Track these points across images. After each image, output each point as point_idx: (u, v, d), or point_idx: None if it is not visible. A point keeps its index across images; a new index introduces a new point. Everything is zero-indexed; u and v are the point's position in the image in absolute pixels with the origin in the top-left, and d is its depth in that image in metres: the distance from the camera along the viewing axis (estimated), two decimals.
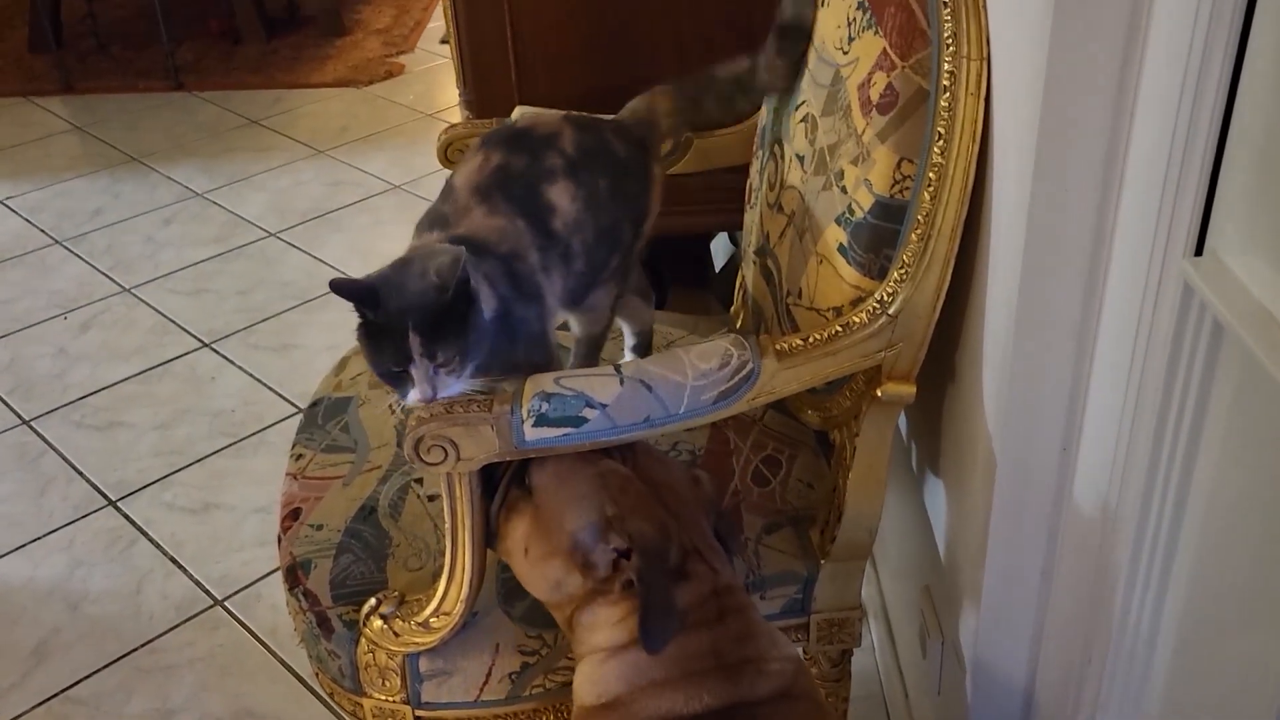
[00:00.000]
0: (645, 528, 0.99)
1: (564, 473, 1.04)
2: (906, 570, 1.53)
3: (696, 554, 1.02)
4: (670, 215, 1.90)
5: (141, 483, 2.09)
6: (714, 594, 1.00)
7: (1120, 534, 0.97)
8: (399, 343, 0.99)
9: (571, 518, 1.01)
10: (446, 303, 0.99)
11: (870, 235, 1.09)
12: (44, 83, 3.86)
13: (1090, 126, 0.88)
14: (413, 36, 4.19)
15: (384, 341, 1.01)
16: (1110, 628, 1.01)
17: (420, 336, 0.99)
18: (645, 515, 1.01)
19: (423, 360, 0.99)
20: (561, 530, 1.01)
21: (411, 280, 1.01)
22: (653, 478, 1.05)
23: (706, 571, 1.01)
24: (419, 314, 0.99)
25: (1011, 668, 1.18)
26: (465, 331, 1.00)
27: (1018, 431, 1.04)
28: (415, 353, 0.99)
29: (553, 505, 1.03)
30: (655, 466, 1.08)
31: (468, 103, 1.83)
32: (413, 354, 0.99)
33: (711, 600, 1.00)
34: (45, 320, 2.61)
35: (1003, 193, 1.00)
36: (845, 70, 1.15)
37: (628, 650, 0.98)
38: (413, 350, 0.99)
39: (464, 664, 1.14)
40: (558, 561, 1.01)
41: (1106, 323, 0.95)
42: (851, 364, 1.09)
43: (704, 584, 1.00)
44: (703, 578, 1.00)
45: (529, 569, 1.05)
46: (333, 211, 3.02)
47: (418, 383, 1.00)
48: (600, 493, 1.02)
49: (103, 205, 3.10)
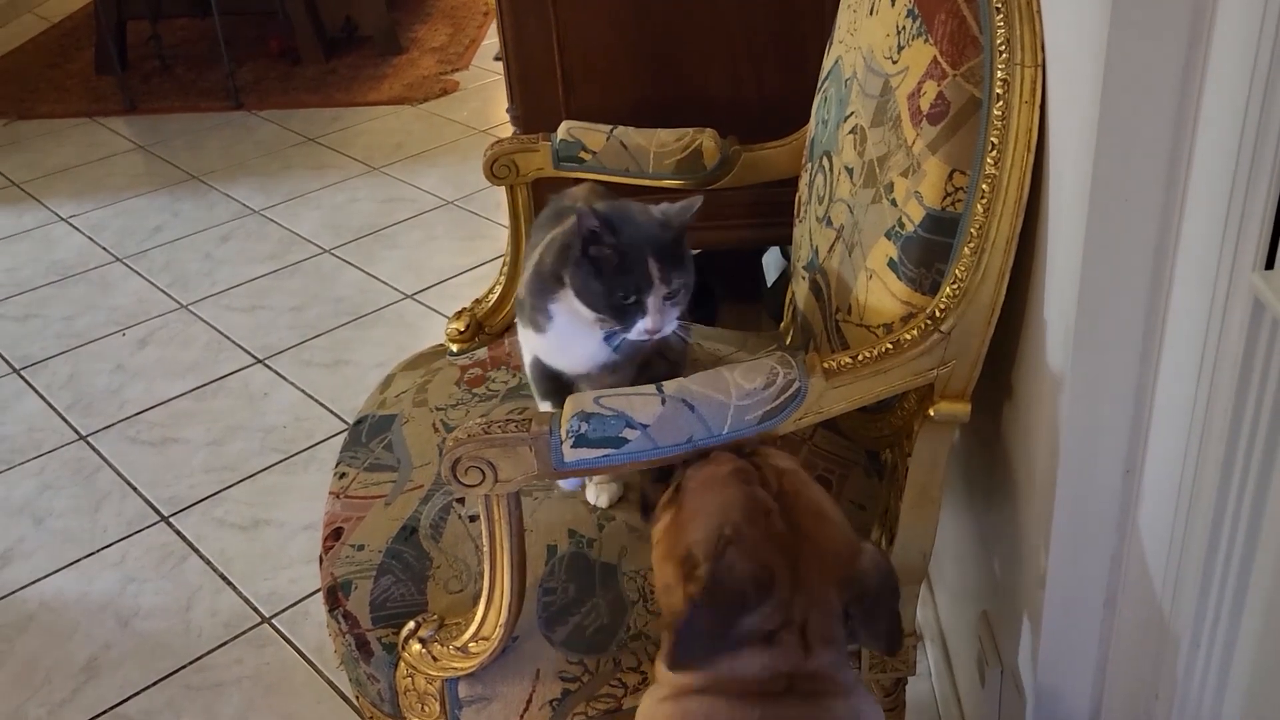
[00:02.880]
0: (741, 563, 0.90)
1: (711, 482, 0.98)
2: (964, 593, 1.48)
3: (798, 627, 0.90)
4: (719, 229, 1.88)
5: (193, 499, 2.11)
6: (791, 674, 0.89)
7: (1188, 563, 0.92)
8: (639, 271, 1.08)
9: (694, 527, 0.94)
10: (675, 238, 1.11)
11: (921, 249, 1.06)
12: (109, 103, 3.94)
13: (1151, 134, 0.84)
14: (467, 54, 4.21)
15: (617, 272, 1.09)
16: (1179, 662, 0.96)
17: (660, 263, 1.08)
18: (757, 556, 0.90)
19: (660, 286, 1.09)
20: (683, 536, 0.95)
21: (642, 216, 1.12)
22: (802, 527, 0.94)
23: (796, 648, 0.90)
24: (657, 245, 1.09)
25: (1074, 701, 1.12)
26: (689, 266, 1.12)
27: (1077, 453, 0.99)
28: (655, 278, 1.08)
29: (688, 509, 0.97)
30: (812, 520, 0.95)
31: (515, 118, 1.82)
32: (653, 279, 1.08)
33: (782, 679, 0.89)
34: (104, 336, 2.64)
35: (1059, 204, 0.96)
36: (895, 80, 1.12)
37: (687, 697, 0.91)
38: (653, 275, 1.08)
39: (504, 690, 1.11)
40: (670, 567, 0.95)
41: (1171, 340, 0.90)
42: (903, 382, 1.05)
43: (785, 659, 0.89)
44: (788, 652, 0.89)
45: (656, 566, 0.99)
46: (386, 228, 3.03)
47: (650, 312, 1.09)
48: (730, 514, 0.93)
49: (163, 223, 3.15)
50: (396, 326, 2.61)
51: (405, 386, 1.46)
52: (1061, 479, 1.01)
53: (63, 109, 3.93)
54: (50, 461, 2.24)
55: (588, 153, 1.48)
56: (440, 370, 1.48)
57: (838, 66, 1.31)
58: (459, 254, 2.88)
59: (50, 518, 2.09)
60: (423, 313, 2.65)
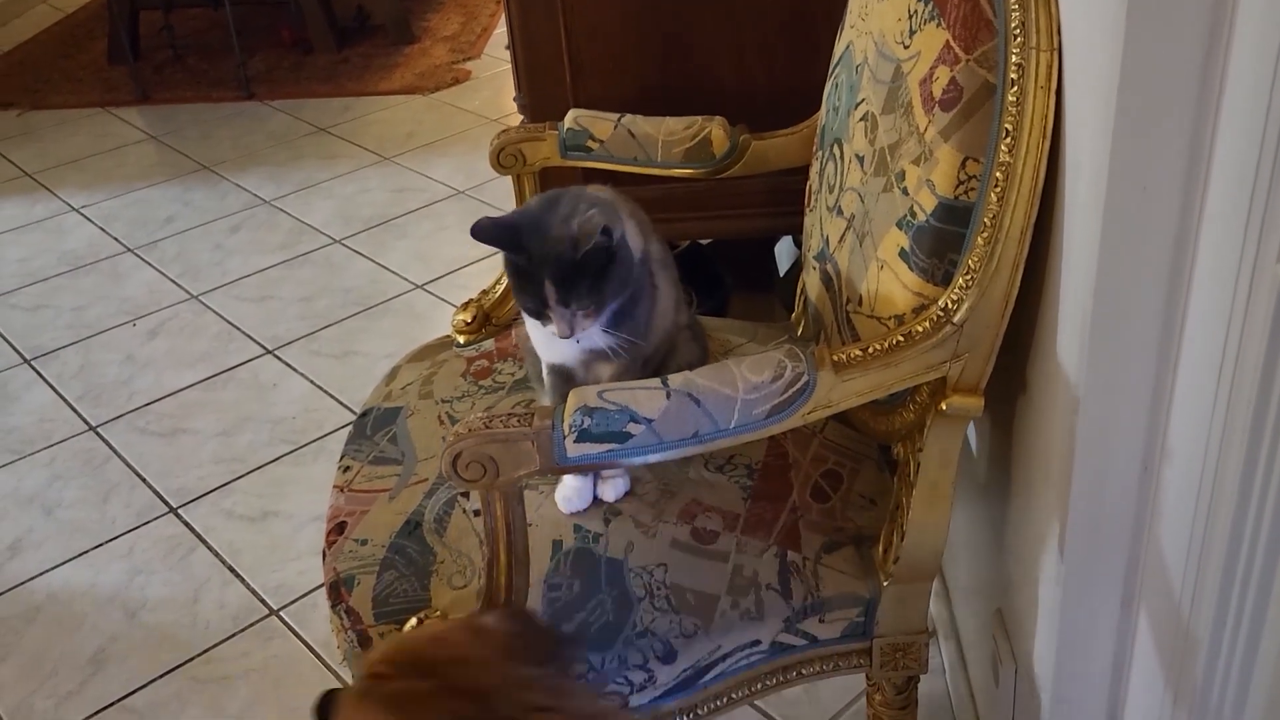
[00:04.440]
0: None
1: None
2: (978, 589, 1.46)
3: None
4: (730, 219, 1.85)
5: (202, 490, 2.10)
6: None
7: (1209, 562, 0.89)
8: (538, 287, 1.06)
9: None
10: (582, 259, 1.05)
11: (933, 239, 1.03)
12: (121, 93, 3.93)
13: (1171, 121, 0.81)
14: (479, 43, 4.19)
15: (525, 281, 1.08)
16: (1198, 664, 0.93)
17: (556, 287, 1.06)
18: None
19: (558, 306, 1.06)
20: None
21: (555, 226, 1.07)
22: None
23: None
24: (555, 265, 1.05)
25: (1091, 702, 1.10)
26: (602, 285, 1.06)
27: (1093, 449, 0.96)
28: (552, 298, 1.06)
29: None
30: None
31: (523, 106, 1.80)
32: (548, 299, 1.06)
33: None
34: (115, 327, 2.64)
35: (1075, 193, 0.93)
36: (906, 65, 1.09)
37: None
38: (549, 296, 1.06)
39: None
40: None
41: (1191, 332, 0.88)
42: (914, 375, 1.03)
43: None
44: None
45: None
46: (397, 218, 3.02)
47: (555, 321, 1.08)
48: None
49: (174, 213, 3.14)
50: (406, 317, 2.59)
51: (411, 379, 1.44)
52: (1077, 475, 0.99)
53: (75, 99, 3.92)
54: (60, 452, 2.23)
55: (595, 141, 1.45)
56: (446, 362, 1.46)
57: (849, 52, 1.28)
58: (469, 244, 2.81)
59: (59, 508, 2.08)
60: (432, 303, 2.63)
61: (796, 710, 1.59)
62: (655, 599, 1.13)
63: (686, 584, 1.14)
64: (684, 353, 1.24)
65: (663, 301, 1.19)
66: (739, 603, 1.14)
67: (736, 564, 1.16)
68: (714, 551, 1.17)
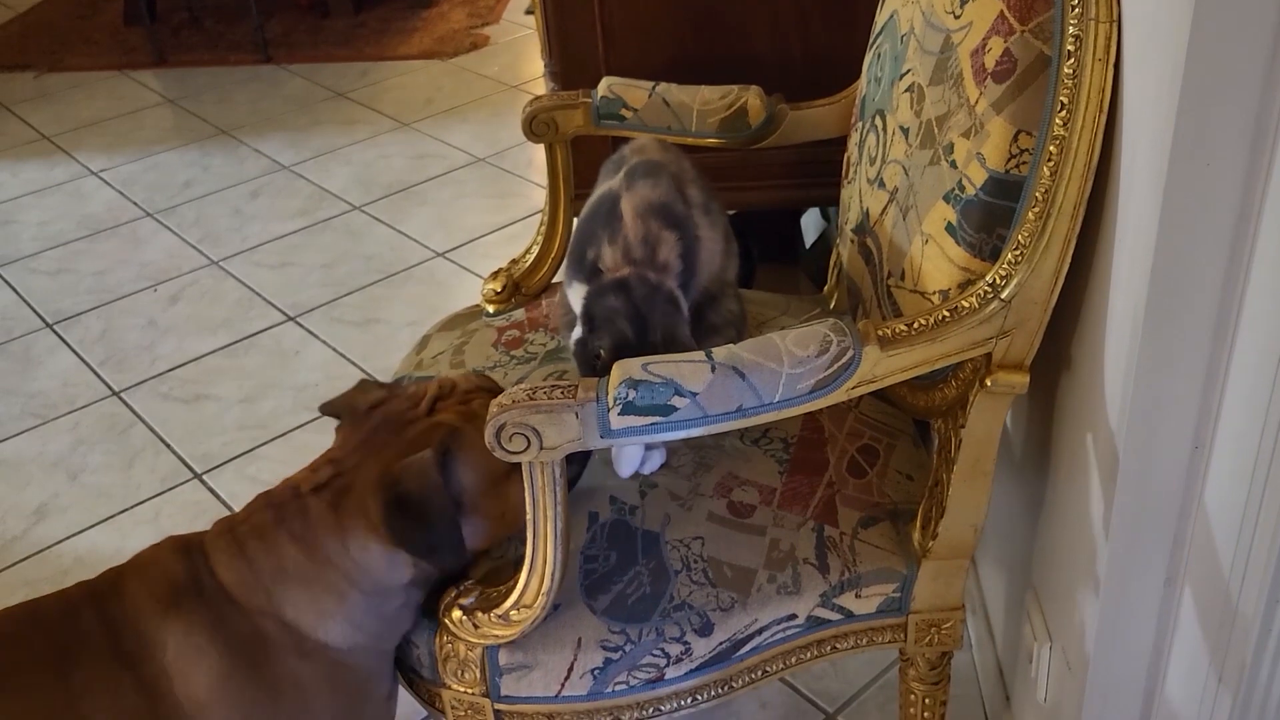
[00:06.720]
0: None
1: None
2: (1008, 564, 1.45)
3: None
4: (758, 189, 1.83)
5: (226, 456, 2.10)
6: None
7: (1260, 544, 0.89)
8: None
9: None
10: None
11: (982, 213, 1.02)
12: (138, 56, 3.91)
13: (1238, 94, 0.80)
14: (498, 8, 4.15)
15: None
16: (1247, 648, 0.92)
17: None
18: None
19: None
20: None
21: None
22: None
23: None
24: None
25: (1128, 682, 1.10)
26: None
27: (1143, 428, 0.95)
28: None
29: None
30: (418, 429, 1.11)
31: (553, 74, 1.78)
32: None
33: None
34: (136, 292, 2.63)
35: (1133, 169, 0.91)
36: (957, 36, 1.07)
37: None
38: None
39: (545, 658, 1.10)
40: None
41: (1250, 311, 0.86)
42: (960, 351, 1.02)
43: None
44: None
45: None
46: (417, 185, 3.00)
47: None
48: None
49: (192, 178, 3.13)
50: (427, 285, 2.58)
51: (442, 348, 1.44)
52: (1125, 454, 0.98)
53: (91, 61, 3.90)
54: (84, 417, 2.23)
55: (629, 110, 1.44)
56: (477, 331, 1.45)
57: (893, 21, 1.26)
58: (490, 212, 2.84)
59: (84, 473, 2.09)
60: (454, 270, 2.62)
61: (822, 684, 1.59)
62: (693, 572, 1.12)
63: (723, 557, 1.14)
64: (727, 305, 1.25)
65: (706, 247, 1.21)
66: (776, 576, 1.14)
67: (773, 538, 1.15)
68: (751, 525, 1.16)
